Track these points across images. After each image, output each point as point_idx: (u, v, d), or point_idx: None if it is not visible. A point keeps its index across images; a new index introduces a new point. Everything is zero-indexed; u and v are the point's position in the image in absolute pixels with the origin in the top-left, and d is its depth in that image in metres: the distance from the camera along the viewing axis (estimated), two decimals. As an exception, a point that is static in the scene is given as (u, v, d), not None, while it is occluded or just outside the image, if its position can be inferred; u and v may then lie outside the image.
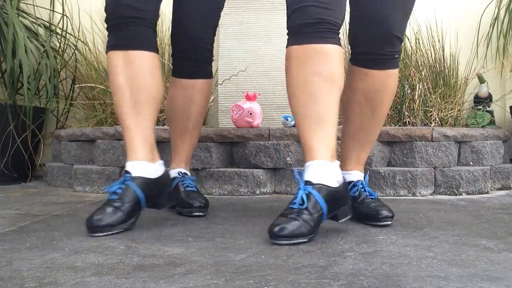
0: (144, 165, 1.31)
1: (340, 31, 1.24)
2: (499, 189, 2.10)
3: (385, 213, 1.32)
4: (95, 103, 2.44)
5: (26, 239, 1.16)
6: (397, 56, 1.36)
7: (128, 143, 1.33)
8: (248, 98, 2.19)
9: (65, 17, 2.68)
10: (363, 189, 1.41)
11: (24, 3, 2.68)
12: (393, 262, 0.96)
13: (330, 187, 1.16)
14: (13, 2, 2.35)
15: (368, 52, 1.34)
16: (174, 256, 1.01)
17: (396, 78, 1.40)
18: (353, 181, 1.42)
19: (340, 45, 1.23)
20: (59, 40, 2.68)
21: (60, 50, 2.66)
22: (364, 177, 1.45)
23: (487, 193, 2.01)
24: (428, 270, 0.90)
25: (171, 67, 2.45)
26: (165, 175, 1.38)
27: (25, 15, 2.60)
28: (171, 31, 1.59)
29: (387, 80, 1.37)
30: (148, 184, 1.30)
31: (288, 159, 1.97)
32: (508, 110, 2.57)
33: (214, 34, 1.61)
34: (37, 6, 2.71)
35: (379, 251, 1.05)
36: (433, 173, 1.98)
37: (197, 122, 1.62)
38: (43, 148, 2.51)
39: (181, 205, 1.51)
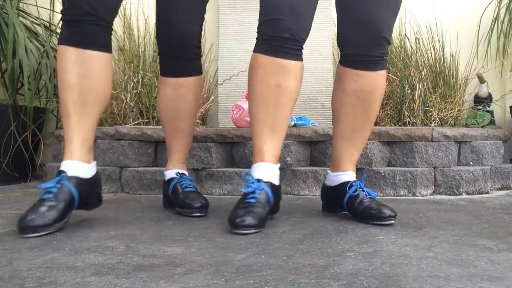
0: (80, 166, 1.31)
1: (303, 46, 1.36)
2: (499, 189, 2.10)
3: (388, 212, 1.33)
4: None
5: (26, 239, 1.15)
6: (385, 58, 1.42)
7: (67, 143, 1.32)
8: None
9: (65, 17, 2.68)
10: (361, 189, 1.42)
11: (24, 3, 2.67)
12: (393, 262, 0.96)
13: (275, 184, 1.38)
14: (13, 2, 2.35)
15: (358, 53, 1.38)
16: (174, 256, 1.01)
17: (385, 78, 1.46)
18: (350, 181, 1.44)
19: (302, 60, 1.36)
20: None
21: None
22: (361, 177, 1.48)
23: (487, 193, 2.01)
24: (428, 270, 0.90)
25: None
26: (97, 175, 1.39)
27: (25, 15, 2.60)
28: (156, 29, 1.55)
29: (378, 81, 1.41)
30: (82, 184, 1.30)
31: (288, 159, 1.97)
32: (508, 110, 2.57)
33: (201, 29, 1.58)
34: (37, 6, 2.71)
35: (379, 251, 1.05)
36: (433, 173, 1.98)
37: (190, 120, 1.60)
38: (43, 148, 2.51)
39: (181, 205, 1.50)
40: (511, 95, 2.62)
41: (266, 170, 1.35)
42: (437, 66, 2.47)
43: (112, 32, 1.41)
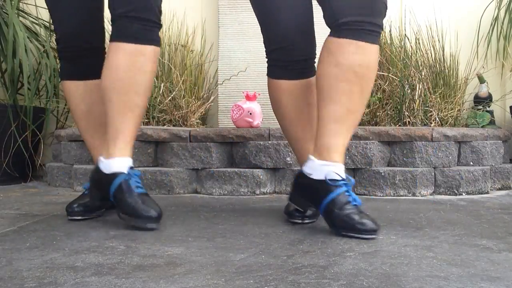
0: None
1: None
2: (499, 189, 2.10)
3: (369, 225, 1.18)
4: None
5: (26, 239, 1.16)
6: (381, 31, 1.27)
7: (97, 158, 1.44)
8: (248, 98, 2.19)
9: (65, 17, 2.68)
10: (347, 193, 1.23)
11: (24, 3, 2.68)
12: (393, 262, 0.96)
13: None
14: (13, 2, 2.35)
15: (358, 21, 1.22)
16: (174, 256, 1.01)
17: (378, 54, 1.31)
18: (338, 180, 1.23)
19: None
20: (59, 40, 2.67)
21: (60, 50, 2.66)
22: (350, 179, 1.27)
23: (487, 193, 2.01)
24: (428, 270, 0.90)
25: (170, 66, 2.47)
26: None
27: (25, 15, 2.60)
28: None
29: (376, 56, 1.27)
30: None
31: (288, 159, 1.97)
32: (508, 110, 2.57)
33: None
34: (37, 6, 2.71)
35: (379, 251, 1.05)
36: (433, 173, 1.98)
37: (147, 96, 1.40)
38: (43, 148, 2.51)
39: (130, 212, 1.26)
40: (511, 95, 2.62)
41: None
42: (437, 66, 2.47)
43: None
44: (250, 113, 2.16)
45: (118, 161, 1.31)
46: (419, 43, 2.51)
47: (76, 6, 1.42)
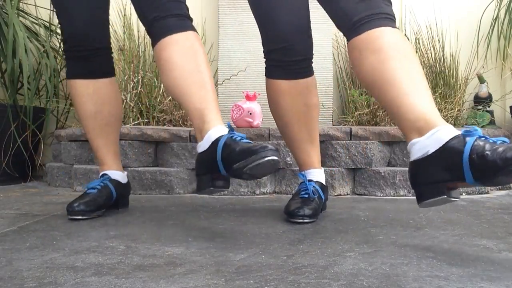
0: (118, 174, 1.57)
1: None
2: (499, 189, 2.10)
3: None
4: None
5: (26, 239, 1.16)
6: (394, 17, 1.23)
7: (102, 159, 1.57)
8: (248, 98, 2.19)
9: (65, 17, 2.68)
10: (482, 137, 0.98)
11: (24, 3, 2.67)
12: (393, 262, 0.96)
13: (324, 184, 1.51)
14: (13, 2, 2.35)
15: (370, 14, 1.19)
16: (174, 256, 1.01)
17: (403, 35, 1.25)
18: (464, 132, 1.00)
19: (313, 72, 1.47)
20: (59, 40, 2.67)
21: (60, 50, 2.66)
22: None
23: (487, 193, 2.01)
24: (428, 270, 0.90)
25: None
26: (129, 183, 1.64)
27: (25, 15, 2.60)
28: None
29: (401, 35, 1.20)
30: (120, 186, 1.56)
31: (288, 159, 1.97)
32: (508, 110, 2.57)
33: None
34: (37, 6, 2.71)
35: (379, 251, 1.05)
36: (433, 173, 1.97)
37: (210, 72, 1.33)
38: (43, 148, 2.51)
39: (245, 155, 1.07)
40: (511, 95, 2.62)
41: (316, 174, 1.50)
42: (437, 66, 2.47)
43: (112, 32, 1.44)
44: (250, 113, 2.16)
45: (214, 130, 1.17)
46: (419, 43, 2.51)
47: (83, 6, 1.45)
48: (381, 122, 2.42)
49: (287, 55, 1.40)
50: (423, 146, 1.05)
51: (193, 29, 1.38)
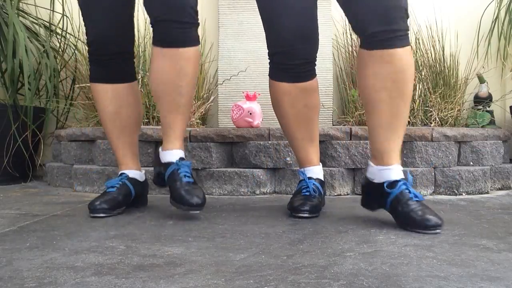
0: (137, 173, 1.60)
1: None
2: (499, 189, 2.10)
3: (433, 220, 1.23)
4: (95, 103, 2.44)
5: (26, 239, 1.16)
6: (408, 31, 1.30)
7: (121, 159, 1.60)
8: (248, 98, 2.19)
9: (65, 17, 2.68)
10: (407, 190, 1.30)
11: (24, 3, 2.67)
12: (393, 262, 0.96)
13: (323, 180, 1.58)
14: (13, 2, 2.35)
15: (384, 30, 1.26)
16: (174, 256, 1.01)
17: (411, 53, 1.34)
18: (396, 180, 1.32)
19: (316, 74, 1.50)
20: (59, 40, 2.68)
21: (60, 50, 2.66)
22: (407, 178, 1.34)
23: (487, 193, 2.01)
24: (428, 270, 0.90)
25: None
26: (146, 182, 1.66)
27: (25, 15, 2.60)
28: None
29: (409, 57, 1.31)
30: (138, 184, 1.59)
31: (288, 159, 1.97)
32: (508, 110, 2.57)
33: None
34: (37, 6, 2.71)
35: (379, 251, 1.05)
36: (433, 173, 1.98)
37: (190, 96, 1.50)
38: (43, 148, 2.51)
39: (178, 200, 1.38)
40: (511, 95, 2.62)
41: (315, 171, 1.55)
42: (437, 66, 2.47)
43: None
44: (250, 113, 2.16)
45: (169, 153, 1.47)
46: (419, 43, 2.51)
47: (111, 10, 1.48)
48: (381, 122, 2.41)
49: (289, 59, 1.42)
50: (373, 173, 1.37)
51: (194, 42, 1.43)
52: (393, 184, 1.31)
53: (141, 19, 2.62)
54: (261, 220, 1.40)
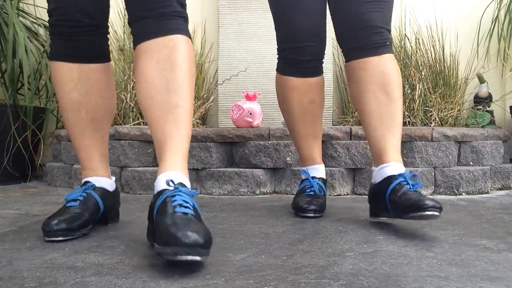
0: (104, 180, 1.29)
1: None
2: (499, 189, 2.10)
3: (430, 202, 1.15)
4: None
5: (26, 239, 1.16)
6: (388, 43, 1.38)
7: (87, 160, 1.28)
8: (248, 98, 2.19)
9: (65, 17, 2.67)
10: (405, 182, 1.27)
11: (24, 3, 2.67)
12: (393, 262, 0.96)
13: (325, 179, 1.59)
14: (13, 2, 2.35)
15: (358, 46, 1.37)
16: (174, 256, 1.01)
17: (395, 61, 1.41)
18: (395, 175, 1.29)
19: (323, 72, 1.54)
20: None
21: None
22: (410, 174, 1.32)
23: (487, 193, 2.01)
24: (428, 270, 0.90)
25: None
26: (117, 191, 1.35)
27: (25, 15, 2.60)
28: None
29: (387, 63, 1.37)
30: (107, 195, 1.28)
31: (288, 159, 1.97)
32: (508, 110, 2.57)
33: None
34: (37, 6, 2.71)
35: (379, 251, 1.05)
36: (433, 173, 1.98)
37: (187, 94, 1.13)
38: (43, 148, 2.51)
39: (164, 240, 0.89)
40: (511, 95, 2.62)
41: (319, 170, 1.56)
42: (437, 66, 2.47)
43: (112, 32, 1.39)
44: (250, 113, 2.16)
45: (163, 177, 1.03)
46: (419, 43, 2.51)
47: None
48: (381, 122, 2.42)
49: (299, 55, 1.46)
50: (374, 175, 1.37)
51: (178, 31, 1.12)
52: (391, 177, 1.29)
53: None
54: (261, 220, 1.40)
